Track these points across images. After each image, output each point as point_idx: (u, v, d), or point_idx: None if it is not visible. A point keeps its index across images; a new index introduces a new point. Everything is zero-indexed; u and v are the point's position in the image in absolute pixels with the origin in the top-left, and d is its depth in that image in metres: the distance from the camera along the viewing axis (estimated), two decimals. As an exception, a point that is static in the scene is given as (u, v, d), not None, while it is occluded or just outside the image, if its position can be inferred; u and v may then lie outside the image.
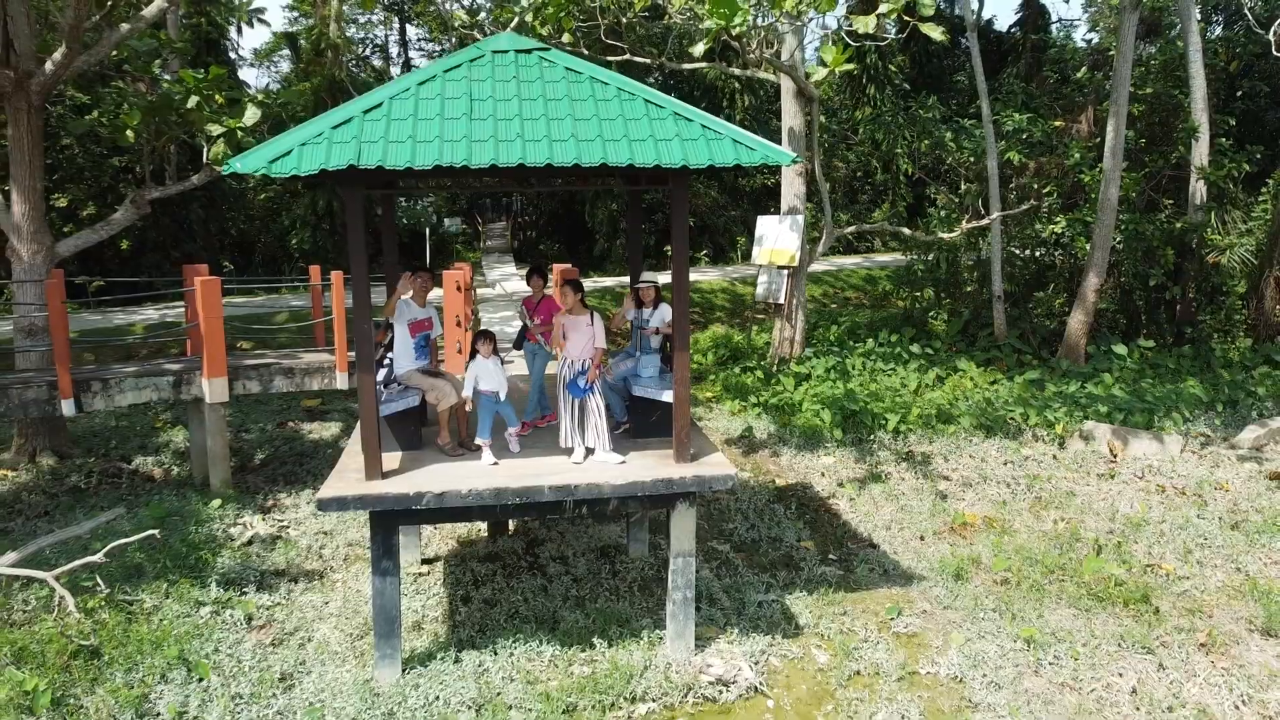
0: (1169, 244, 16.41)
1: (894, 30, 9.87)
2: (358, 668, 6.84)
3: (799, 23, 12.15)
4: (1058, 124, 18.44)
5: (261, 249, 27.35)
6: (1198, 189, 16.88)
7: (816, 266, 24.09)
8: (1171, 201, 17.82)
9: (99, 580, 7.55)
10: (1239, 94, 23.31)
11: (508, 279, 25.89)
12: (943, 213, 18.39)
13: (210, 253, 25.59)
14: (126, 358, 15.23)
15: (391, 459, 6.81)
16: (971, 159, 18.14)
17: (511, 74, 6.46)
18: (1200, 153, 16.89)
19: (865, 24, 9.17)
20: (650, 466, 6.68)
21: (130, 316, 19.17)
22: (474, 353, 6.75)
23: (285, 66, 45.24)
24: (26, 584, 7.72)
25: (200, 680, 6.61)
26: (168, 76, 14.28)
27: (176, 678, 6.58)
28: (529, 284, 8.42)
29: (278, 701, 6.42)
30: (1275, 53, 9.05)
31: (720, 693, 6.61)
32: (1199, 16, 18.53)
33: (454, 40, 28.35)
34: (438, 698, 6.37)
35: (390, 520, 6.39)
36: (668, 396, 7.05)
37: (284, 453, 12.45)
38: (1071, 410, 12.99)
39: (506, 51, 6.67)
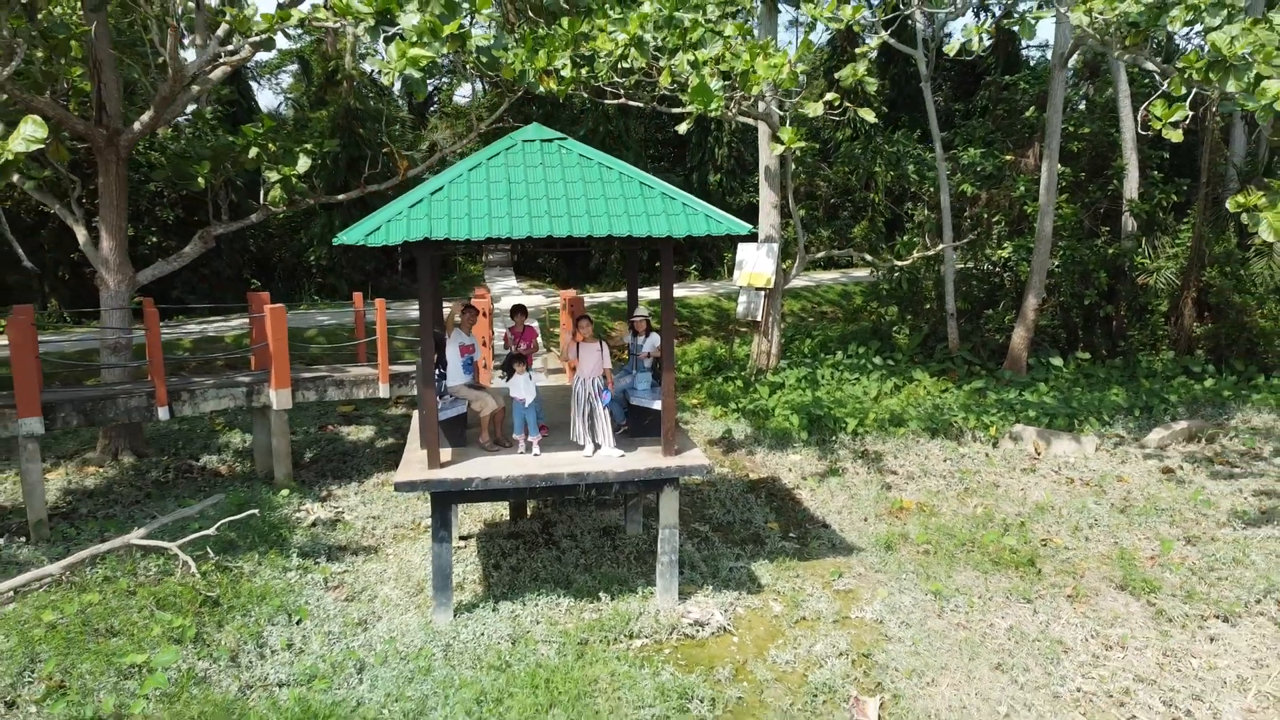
0: (1103, 267, 18.55)
1: (839, 113, 11.82)
2: (418, 614, 8.87)
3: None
4: (1008, 158, 20.60)
5: (280, 265, 29.29)
6: (1128, 219, 19.03)
7: (797, 283, 26.18)
8: (1108, 229, 19.97)
9: (209, 550, 9.58)
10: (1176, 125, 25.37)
11: (509, 293, 27.89)
12: (906, 237, 20.51)
13: (233, 269, 27.59)
14: (177, 369, 17.17)
15: (444, 454, 8.85)
16: (931, 189, 20.25)
17: (538, 160, 8.52)
18: (1131, 186, 19.05)
19: (815, 109, 11.21)
20: (644, 459, 8.74)
21: (173, 331, 21.12)
22: (512, 370, 8.80)
23: (287, 78, 47.18)
24: (147, 553, 9.72)
25: (298, 622, 8.63)
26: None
27: (280, 621, 8.60)
28: (513, 318, 10.44)
29: (360, 637, 8.44)
30: (1141, 131, 11.12)
31: (697, 632, 8.66)
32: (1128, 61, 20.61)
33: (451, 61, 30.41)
34: (482, 634, 8.40)
35: (447, 499, 8.44)
36: (658, 405, 9.11)
37: (329, 452, 14.47)
38: (1005, 415, 15.10)
39: (533, 141, 8.73)
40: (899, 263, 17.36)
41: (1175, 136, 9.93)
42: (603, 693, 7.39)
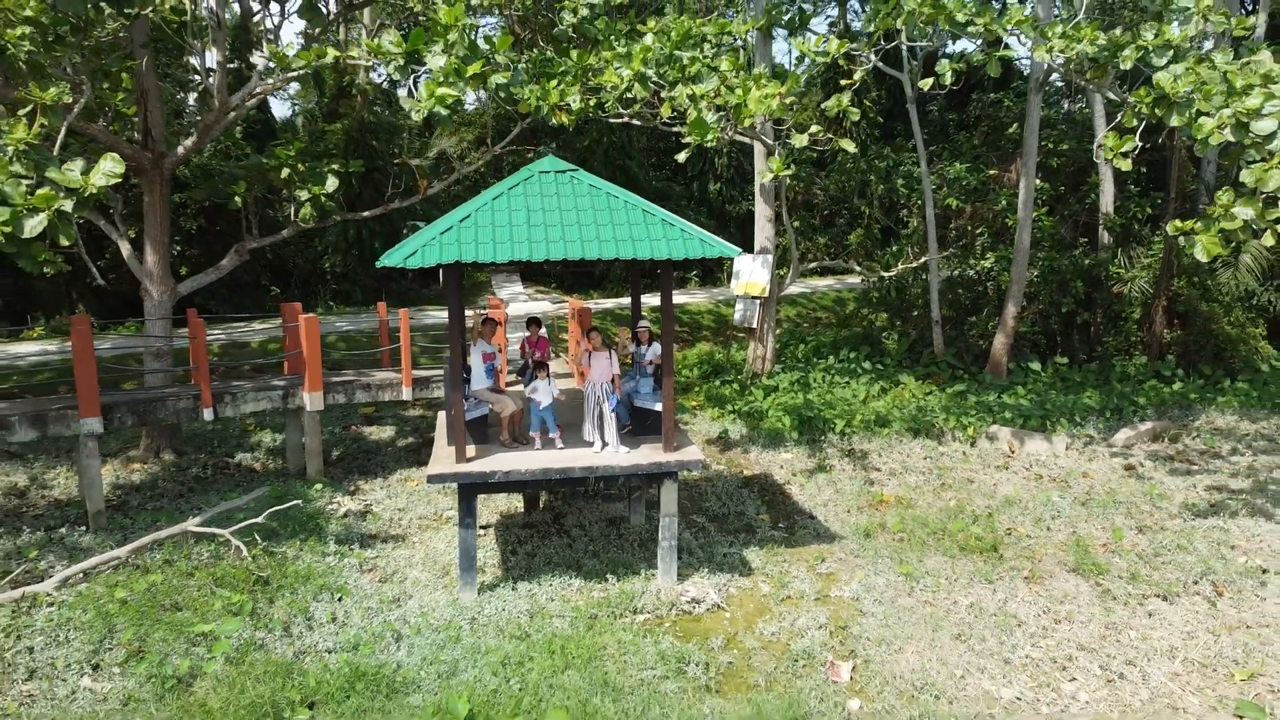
0: (1080, 277, 19.63)
1: (825, 143, 12.87)
2: (445, 593, 9.96)
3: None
4: (992, 172, 21.69)
5: (297, 271, 30.42)
6: (1103, 231, 20.12)
7: (793, 289, 27.26)
8: (1086, 240, 21.05)
9: (256, 536, 10.69)
10: (1148, 146, 26.48)
11: (516, 298, 28.99)
12: (895, 248, 21.61)
13: (252, 276, 28.73)
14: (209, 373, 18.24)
15: (469, 450, 9.95)
16: (920, 201, 21.34)
17: (553, 190, 9.62)
18: (1106, 200, 20.14)
19: (800, 141, 12.32)
20: (647, 455, 9.84)
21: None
22: (534, 376, 9.91)
23: (294, 84, 48.30)
24: (200, 539, 10.82)
25: (340, 599, 9.73)
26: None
27: (324, 598, 9.70)
28: (528, 329, 11.52)
29: (395, 612, 9.54)
30: (1095, 160, 12.22)
31: (693, 608, 9.75)
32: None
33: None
34: (503, 609, 9.50)
35: (473, 490, 9.54)
36: (659, 407, 10.21)
37: (354, 450, 15.58)
38: (984, 416, 16.19)
39: (549, 173, 9.83)
40: (885, 273, 18.45)
41: (1125, 165, 11.02)
42: (611, 657, 8.48)
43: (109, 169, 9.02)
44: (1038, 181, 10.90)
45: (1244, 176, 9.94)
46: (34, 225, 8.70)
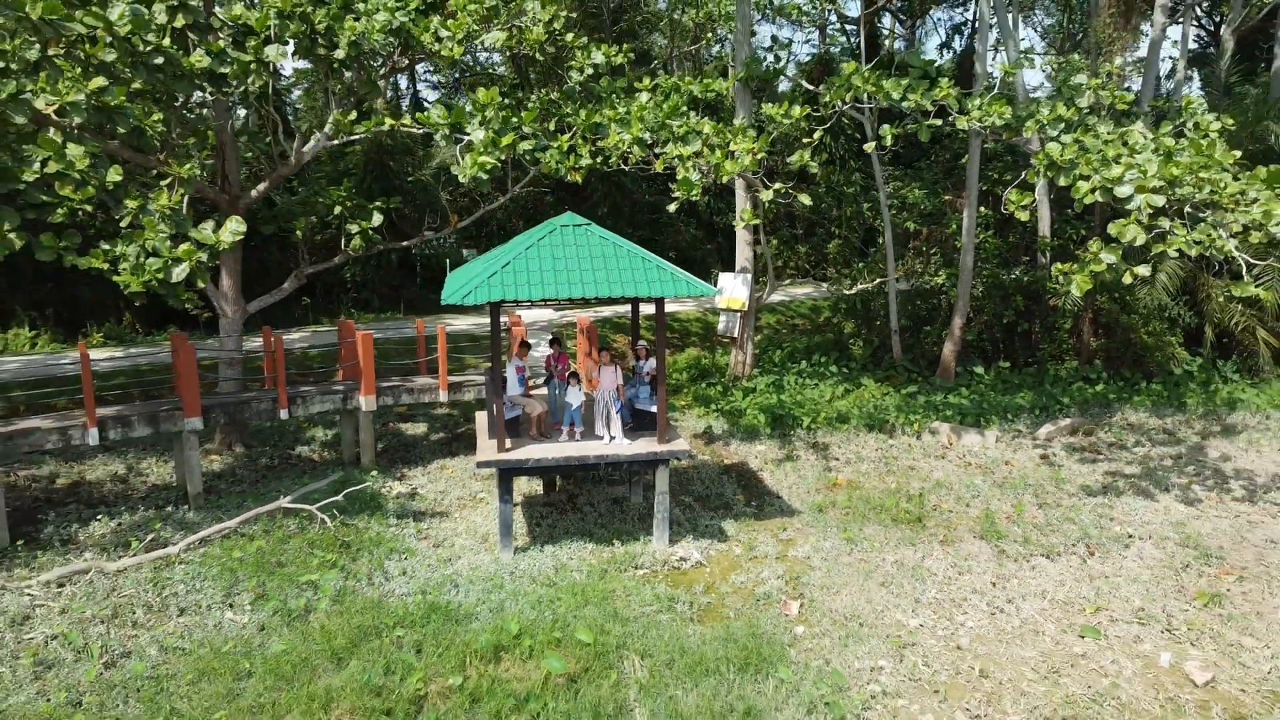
0: (1020, 292, 22.50)
1: (787, 198, 15.55)
2: (487, 554, 12.75)
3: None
4: (947, 198, 24.53)
5: (320, 281, 33.05)
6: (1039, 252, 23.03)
7: (774, 298, 30.04)
8: (1028, 259, 23.93)
9: (334, 511, 13.46)
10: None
11: (521, 304, 31.72)
12: (861, 265, 24.45)
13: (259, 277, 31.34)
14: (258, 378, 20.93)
15: (507, 443, 12.73)
16: (882, 225, 24.17)
17: (571, 241, 12.39)
18: (1044, 225, 23.00)
19: (766, 196, 15.11)
20: (645, 446, 12.64)
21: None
22: (564, 385, 12.72)
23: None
24: (289, 513, 13.57)
25: (407, 558, 12.51)
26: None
27: (394, 557, 12.47)
28: (550, 348, 14.28)
29: (450, 568, 12.32)
30: (1003, 210, 15.05)
31: (681, 565, 12.56)
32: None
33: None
34: (534, 565, 12.28)
35: (510, 474, 12.34)
36: (654, 409, 13.02)
37: (394, 443, 18.33)
38: (929, 414, 19.05)
39: (568, 226, 12.59)
40: (846, 292, 21.29)
41: (1024, 216, 13.85)
42: (618, 598, 11.30)
43: (234, 228, 11.78)
44: (984, 210, 13.16)
45: (1110, 229, 12.78)
46: (179, 272, 11.46)
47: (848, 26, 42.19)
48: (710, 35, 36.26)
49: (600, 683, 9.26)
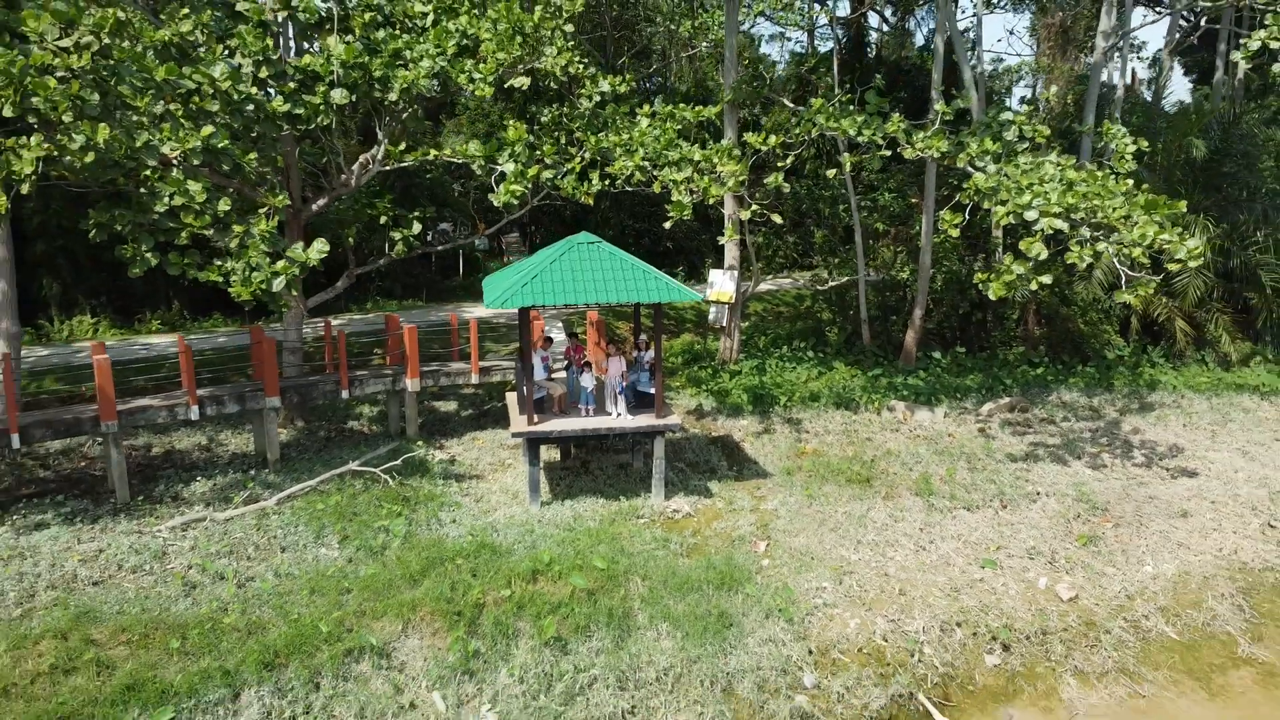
0: (974, 285, 25.52)
1: (763, 217, 18.64)
2: (519, 507, 15.90)
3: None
4: (914, 200, 27.48)
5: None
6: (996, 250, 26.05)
7: (762, 287, 33.06)
8: (984, 255, 26.94)
9: (394, 474, 16.61)
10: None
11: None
12: (837, 259, 27.49)
13: (311, 277, 34.36)
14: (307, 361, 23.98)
15: (535, 418, 15.85)
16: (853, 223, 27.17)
17: (586, 257, 15.42)
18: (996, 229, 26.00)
19: (745, 214, 18.10)
20: (646, 420, 15.78)
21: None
22: (580, 371, 15.83)
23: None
24: (357, 476, 16.69)
25: (455, 510, 15.67)
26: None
27: (445, 510, 15.64)
28: (569, 339, 17.37)
29: (489, 518, 15.48)
30: (936, 230, 18.06)
31: (674, 515, 15.72)
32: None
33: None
34: (557, 515, 15.44)
35: (538, 442, 15.48)
36: (653, 391, 16.14)
37: (430, 419, 21.46)
38: (889, 393, 22.16)
39: (584, 244, 15.62)
40: (820, 288, 24.34)
41: (954, 232, 16.89)
42: (624, 539, 14.46)
43: (319, 247, 14.82)
44: (947, 213, 15.75)
45: (1020, 245, 15.82)
46: (279, 284, 14.53)
47: (836, 29, 44.88)
48: (703, 43, 38.97)
49: (612, 595, 12.45)
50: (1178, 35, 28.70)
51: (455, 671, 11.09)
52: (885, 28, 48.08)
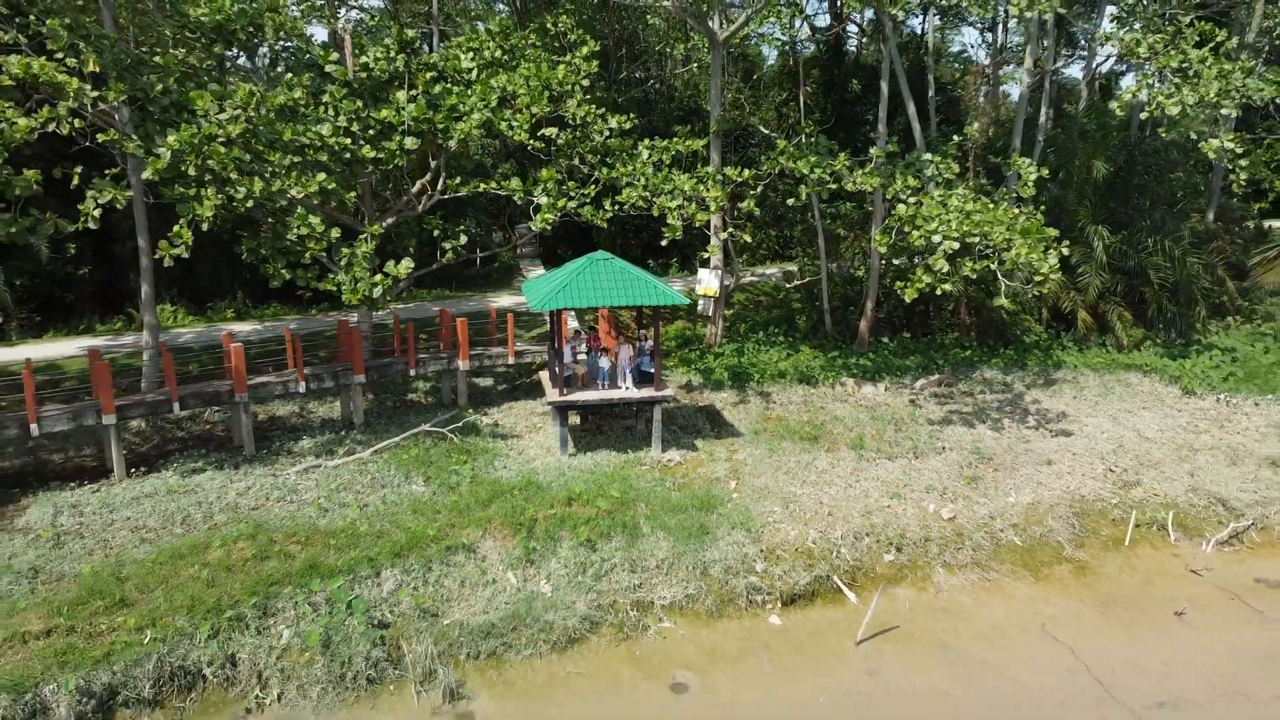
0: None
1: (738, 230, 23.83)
2: (552, 458, 21.19)
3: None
4: (869, 209, 32.58)
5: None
6: (936, 252, 31.23)
7: (745, 279, 38.25)
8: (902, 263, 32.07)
9: (456, 434, 21.88)
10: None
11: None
12: (803, 258, 32.66)
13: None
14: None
15: (563, 389, 21.10)
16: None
17: (602, 270, 20.60)
18: (938, 232, 31.16)
19: (724, 234, 23.27)
20: (647, 393, 21.07)
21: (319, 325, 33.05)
22: (600, 354, 21.09)
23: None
24: (428, 435, 21.94)
25: (505, 460, 20.97)
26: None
27: (498, 459, 20.93)
28: (588, 332, 22.59)
29: (530, 465, 20.77)
30: (874, 249, 23.24)
31: (669, 464, 21.03)
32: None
33: None
34: (580, 463, 20.74)
35: (565, 410, 20.79)
36: (653, 370, 21.41)
37: (474, 392, 26.69)
38: (842, 371, 27.44)
39: (599, 260, 20.79)
40: (788, 285, 29.56)
41: (884, 250, 22.08)
42: (631, 479, 19.76)
43: (407, 264, 20.00)
44: (879, 234, 20.55)
45: (930, 260, 21.02)
46: (377, 291, 19.73)
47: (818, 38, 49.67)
48: (694, 64, 43.88)
49: (625, 514, 17.78)
50: (1095, 66, 33.70)
51: (521, 560, 16.45)
52: (863, 38, 52.90)
